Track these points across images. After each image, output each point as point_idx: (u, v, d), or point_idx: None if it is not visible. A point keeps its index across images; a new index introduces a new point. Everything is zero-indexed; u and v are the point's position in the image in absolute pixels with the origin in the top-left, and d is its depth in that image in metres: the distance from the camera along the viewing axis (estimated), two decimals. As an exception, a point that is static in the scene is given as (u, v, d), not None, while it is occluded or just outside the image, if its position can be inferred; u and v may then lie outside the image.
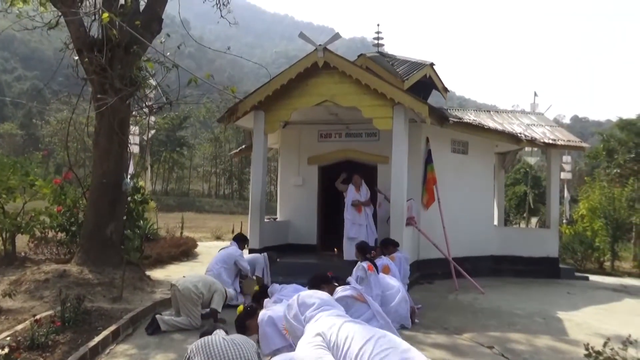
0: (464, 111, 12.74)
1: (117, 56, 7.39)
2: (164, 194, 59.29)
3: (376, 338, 2.70)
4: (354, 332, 2.79)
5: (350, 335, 2.75)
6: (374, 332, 2.81)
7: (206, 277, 6.32)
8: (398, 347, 2.65)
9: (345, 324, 2.92)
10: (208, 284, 5.97)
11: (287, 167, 11.30)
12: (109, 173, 7.56)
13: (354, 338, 2.73)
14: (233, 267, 7.28)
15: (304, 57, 8.76)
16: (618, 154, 17.00)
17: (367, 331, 2.83)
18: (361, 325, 2.97)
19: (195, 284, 5.79)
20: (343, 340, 2.77)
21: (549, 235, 11.90)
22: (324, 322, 3.04)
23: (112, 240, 7.49)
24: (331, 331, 2.87)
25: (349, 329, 2.84)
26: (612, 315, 7.67)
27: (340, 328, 2.86)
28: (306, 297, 3.46)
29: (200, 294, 5.78)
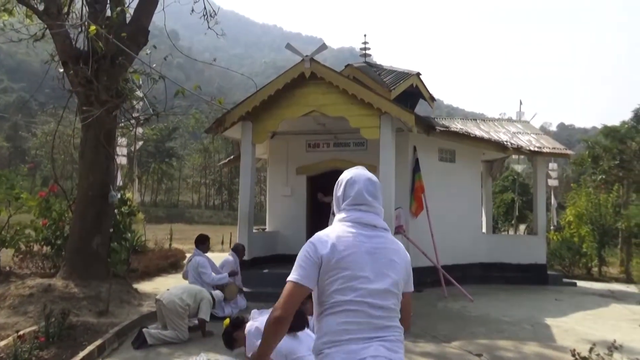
0: (451, 120, 12.87)
1: (103, 68, 7.36)
2: (152, 205, 58.85)
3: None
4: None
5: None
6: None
7: (191, 287, 6.24)
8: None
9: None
10: (193, 294, 5.89)
11: (276, 177, 11.30)
12: (95, 185, 7.49)
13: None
14: (202, 278, 7.14)
15: (291, 67, 8.82)
16: (603, 161, 17.19)
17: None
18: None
19: (180, 296, 5.72)
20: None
21: (537, 242, 11.99)
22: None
23: (98, 253, 7.41)
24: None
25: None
26: (599, 320, 7.73)
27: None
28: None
29: (186, 306, 5.73)
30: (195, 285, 6.35)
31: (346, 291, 1.94)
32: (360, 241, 2.01)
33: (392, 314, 1.99)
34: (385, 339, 1.93)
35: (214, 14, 10.72)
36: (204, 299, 5.96)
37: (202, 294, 6.01)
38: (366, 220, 2.07)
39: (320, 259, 1.95)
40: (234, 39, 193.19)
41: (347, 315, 1.92)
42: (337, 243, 1.98)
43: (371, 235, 2.04)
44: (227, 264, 7.69)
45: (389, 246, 2.07)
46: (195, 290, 6.04)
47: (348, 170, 2.31)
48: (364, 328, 1.91)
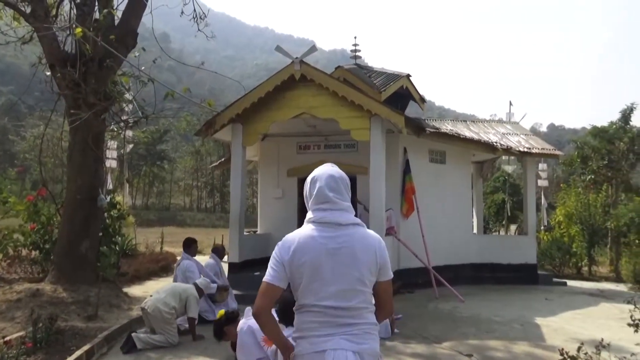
0: (441, 121, 12.93)
1: (91, 71, 7.31)
2: (144, 208, 58.48)
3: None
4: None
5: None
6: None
7: (174, 287, 6.05)
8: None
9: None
10: (177, 294, 5.77)
11: (267, 179, 11.28)
12: (84, 189, 7.43)
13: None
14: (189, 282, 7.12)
15: (281, 69, 8.81)
16: (592, 161, 17.35)
17: None
18: None
19: (164, 301, 5.61)
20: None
21: (527, 242, 12.07)
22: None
23: (87, 258, 7.35)
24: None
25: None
26: (588, 319, 7.79)
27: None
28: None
29: (171, 309, 5.64)
30: (178, 284, 6.19)
31: (307, 295, 2.08)
32: (321, 244, 2.07)
33: (357, 312, 2.08)
34: (348, 332, 2.04)
35: (204, 16, 10.67)
36: (189, 296, 5.83)
37: (187, 292, 5.88)
38: (329, 219, 2.12)
39: (284, 263, 2.08)
40: (225, 41, 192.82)
41: (309, 315, 2.08)
42: (297, 249, 2.07)
43: (334, 236, 2.09)
44: (209, 267, 7.64)
45: (354, 243, 2.09)
46: (179, 289, 5.90)
47: (316, 169, 2.36)
48: (325, 326, 2.05)
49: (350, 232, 2.13)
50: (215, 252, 8.13)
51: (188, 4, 10.05)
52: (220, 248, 8.32)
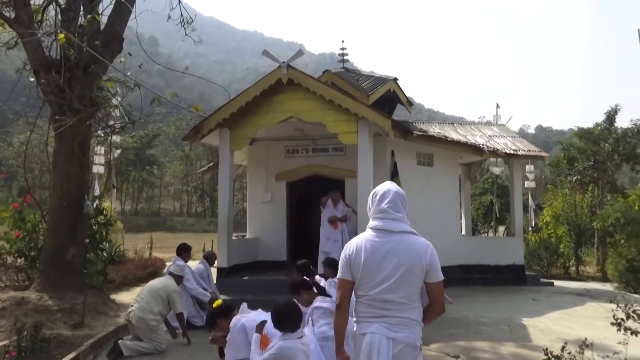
0: (429, 124, 13.01)
1: (76, 76, 7.28)
2: (133, 214, 58.06)
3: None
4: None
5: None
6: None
7: (153, 288, 5.81)
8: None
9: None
10: (158, 296, 5.64)
11: (256, 183, 11.27)
12: (69, 195, 7.38)
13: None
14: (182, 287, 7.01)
15: (268, 74, 8.83)
16: (578, 162, 17.57)
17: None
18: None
19: (147, 309, 5.51)
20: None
21: (515, 244, 12.17)
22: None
23: (73, 265, 7.29)
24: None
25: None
26: (574, 319, 7.87)
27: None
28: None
29: (156, 315, 5.57)
30: (154, 283, 5.93)
31: (360, 288, 2.64)
32: (374, 247, 2.60)
33: (397, 306, 2.55)
34: (387, 322, 2.54)
35: (191, 20, 10.67)
36: (170, 293, 5.70)
37: (166, 289, 5.72)
38: (383, 227, 2.64)
39: (348, 261, 2.65)
40: (215, 45, 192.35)
41: (361, 305, 2.65)
42: (356, 250, 2.63)
43: (385, 241, 2.60)
44: (198, 272, 7.59)
45: (401, 247, 2.58)
46: (158, 290, 5.72)
47: (378, 185, 2.91)
48: (371, 314, 2.59)
49: (399, 238, 2.61)
50: (206, 258, 8.10)
51: (175, 9, 10.07)
52: (211, 255, 8.29)
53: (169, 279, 5.98)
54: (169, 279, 5.97)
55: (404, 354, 2.55)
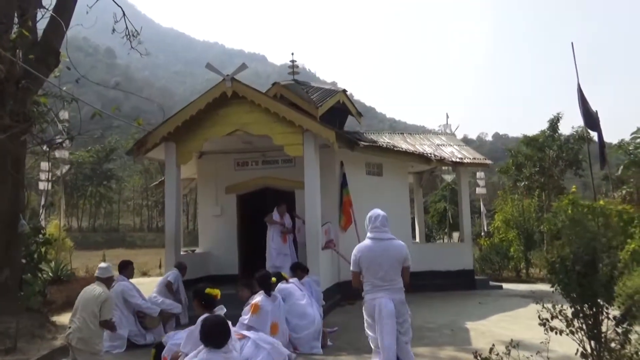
0: (379, 134, 13.25)
1: (8, 91, 7.05)
2: (91, 230, 56.27)
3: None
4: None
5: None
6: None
7: (85, 304, 5.29)
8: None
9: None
10: (91, 312, 5.20)
11: (206, 197, 11.18)
12: (3, 215, 7.11)
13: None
14: (124, 305, 6.84)
15: (213, 87, 8.83)
16: (526, 168, 18.27)
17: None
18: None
19: (87, 326, 5.12)
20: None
21: (464, 249, 12.51)
22: None
23: (7, 287, 7.01)
24: None
25: None
26: (515, 321, 8.14)
27: None
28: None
29: (98, 330, 5.24)
30: (86, 298, 5.35)
31: (366, 275, 4.53)
32: (372, 249, 4.57)
33: (392, 281, 4.51)
34: (387, 291, 4.47)
35: (137, 33, 10.54)
36: (104, 300, 5.27)
37: (99, 299, 5.26)
38: (376, 237, 4.63)
39: (357, 259, 4.59)
40: (175, 56, 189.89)
41: (368, 284, 4.53)
42: (362, 251, 4.60)
43: (379, 245, 4.58)
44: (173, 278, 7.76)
45: (390, 248, 4.58)
46: (91, 305, 5.24)
47: (372, 210, 4.88)
48: (376, 289, 4.49)
49: (387, 243, 4.62)
50: (178, 268, 8.12)
51: (119, 22, 9.93)
52: (182, 265, 8.24)
53: (99, 285, 5.46)
54: (99, 285, 5.43)
55: (399, 307, 4.51)
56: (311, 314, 6.59)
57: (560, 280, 5.27)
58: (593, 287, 4.87)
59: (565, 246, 5.05)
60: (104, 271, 5.68)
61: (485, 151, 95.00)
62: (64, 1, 8.00)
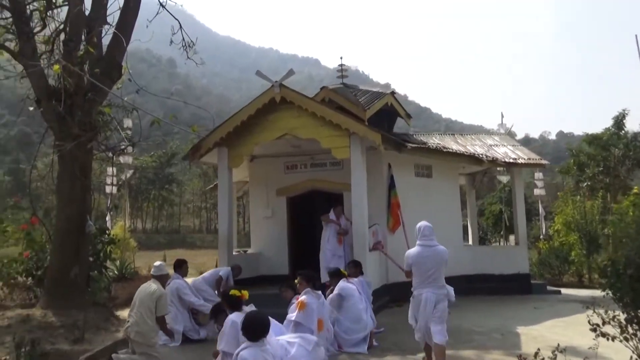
0: (429, 135, 13.11)
1: (77, 103, 7.68)
2: (154, 232, 59.03)
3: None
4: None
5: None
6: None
7: (142, 300, 5.72)
8: None
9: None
10: (147, 308, 5.61)
11: (257, 199, 11.54)
12: (73, 217, 7.74)
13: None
14: (178, 302, 7.22)
15: (262, 93, 9.13)
16: (588, 168, 17.39)
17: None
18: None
19: (144, 320, 5.58)
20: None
21: (519, 252, 12.12)
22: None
23: (76, 283, 7.62)
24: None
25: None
26: (570, 327, 7.82)
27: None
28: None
29: (154, 324, 5.67)
30: (143, 295, 5.79)
31: (416, 274, 5.46)
32: (421, 254, 5.47)
33: (437, 280, 5.39)
34: (433, 286, 5.37)
35: (192, 44, 11.08)
36: (157, 299, 5.67)
37: (154, 295, 5.67)
38: (425, 244, 5.51)
39: (409, 261, 5.53)
40: (231, 64, 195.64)
41: (417, 283, 5.48)
42: (413, 255, 5.52)
43: (428, 250, 5.47)
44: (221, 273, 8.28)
45: (435, 253, 5.46)
46: (147, 301, 5.66)
47: (420, 222, 5.78)
48: (423, 285, 5.40)
49: (433, 249, 5.49)
50: (231, 269, 8.58)
51: (176, 34, 10.50)
52: (235, 266, 8.70)
53: (154, 282, 5.92)
54: (154, 283, 5.91)
55: (440, 301, 5.38)
56: (365, 320, 6.69)
57: (612, 285, 5.09)
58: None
59: (618, 249, 4.86)
60: (158, 269, 6.12)
61: (549, 150, 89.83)
62: (125, 18, 8.59)
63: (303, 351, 4.96)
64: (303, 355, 4.92)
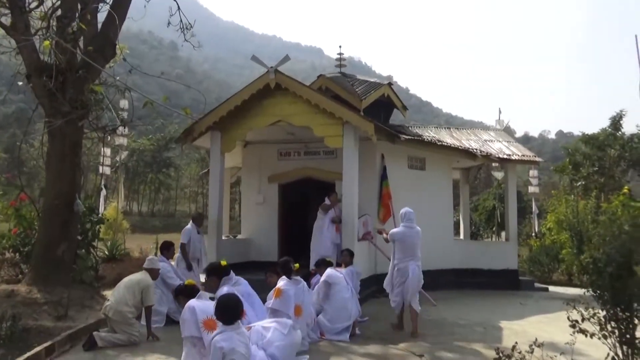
0: (424, 128, 13.07)
1: (69, 80, 7.62)
2: (150, 215, 59.05)
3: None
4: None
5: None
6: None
7: (128, 283, 6.07)
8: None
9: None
10: (132, 291, 5.90)
11: (249, 185, 11.52)
12: (61, 194, 7.71)
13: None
14: (163, 284, 7.28)
15: (257, 78, 9.07)
16: (584, 167, 17.39)
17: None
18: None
19: (123, 302, 5.79)
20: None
21: (509, 248, 12.16)
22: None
23: (63, 260, 7.61)
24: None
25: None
26: (553, 323, 7.84)
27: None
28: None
29: (131, 308, 5.85)
30: (131, 278, 6.17)
31: (402, 248, 7.03)
32: (405, 233, 7.01)
33: (417, 253, 7.03)
34: (415, 259, 7.01)
35: (190, 26, 10.97)
36: (145, 287, 5.95)
37: (141, 283, 5.98)
38: (408, 225, 7.04)
39: (396, 237, 7.06)
40: (234, 50, 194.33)
41: (401, 256, 7.03)
42: (401, 233, 7.04)
43: (410, 231, 7.03)
44: (186, 233, 8.43)
45: (417, 232, 7.06)
46: (133, 285, 5.97)
47: (404, 208, 7.30)
48: (407, 258, 6.98)
49: (415, 229, 7.05)
50: (193, 219, 8.74)
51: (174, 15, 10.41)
52: (196, 215, 9.00)
53: (144, 274, 6.23)
54: (144, 274, 6.22)
55: (419, 271, 6.91)
56: (350, 310, 6.72)
57: (592, 282, 5.11)
58: (627, 290, 4.69)
59: (600, 247, 4.87)
60: (150, 262, 6.37)
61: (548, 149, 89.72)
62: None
63: (279, 334, 4.98)
64: (279, 339, 4.94)
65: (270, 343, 4.89)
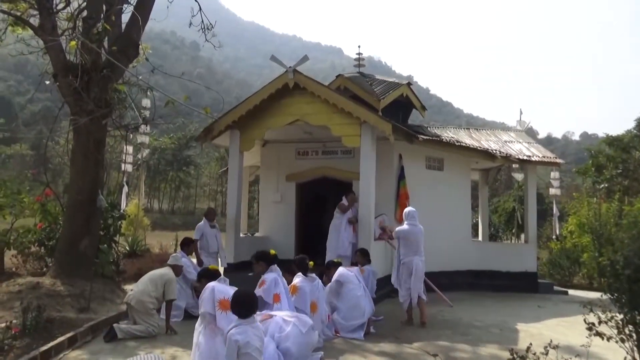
0: (443, 128, 13.01)
1: (94, 79, 7.83)
2: (170, 212, 59.87)
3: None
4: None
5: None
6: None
7: (152, 276, 6.36)
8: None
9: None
10: (155, 283, 6.17)
11: (267, 184, 11.64)
12: (84, 190, 7.93)
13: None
14: (182, 279, 7.39)
15: (276, 78, 9.18)
16: (607, 170, 17.06)
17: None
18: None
19: (146, 292, 6.04)
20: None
21: (528, 251, 12.01)
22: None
23: (85, 255, 7.83)
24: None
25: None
26: (572, 327, 7.75)
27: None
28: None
29: (153, 299, 6.04)
30: (155, 272, 6.48)
31: (407, 245, 7.52)
32: (410, 231, 7.47)
33: (421, 249, 7.50)
34: (419, 254, 7.49)
35: (211, 27, 11.15)
36: (167, 281, 6.21)
37: (164, 277, 6.25)
38: (412, 223, 7.51)
39: (402, 234, 7.54)
40: (254, 49, 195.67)
41: (406, 252, 7.51)
42: (406, 231, 7.50)
43: (415, 228, 7.49)
44: (198, 230, 8.79)
45: (420, 230, 7.52)
46: (156, 278, 6.25)
47: (407, 208, 7.93)
48: (411, 253, 7.46)
49: (418, 227, 7.51)
50: (206, 215, 9.03)
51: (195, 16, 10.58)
52: (210, 211, 9.36)
53: (168, 269, 6.46)
54: (167, 269, 6.47)
55: (423, 265, 7.48)
56: (363, 307, 6.76)
57: (609, 285, 5.06)
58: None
59: (618, 250, 4.81)
60: (174, 259, 6.66)
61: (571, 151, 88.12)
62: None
63: (297, 331, 5.05)
64: (296, 335, 5.01)
65: (287, 337, 4.97)
